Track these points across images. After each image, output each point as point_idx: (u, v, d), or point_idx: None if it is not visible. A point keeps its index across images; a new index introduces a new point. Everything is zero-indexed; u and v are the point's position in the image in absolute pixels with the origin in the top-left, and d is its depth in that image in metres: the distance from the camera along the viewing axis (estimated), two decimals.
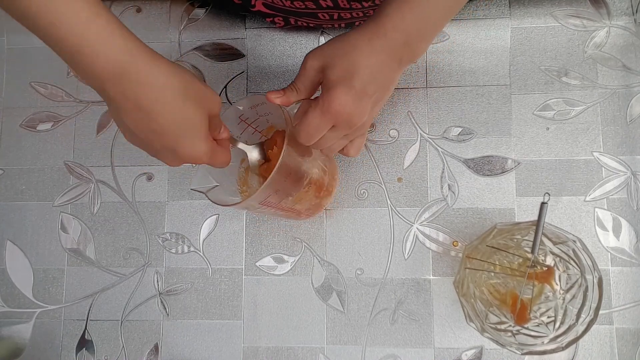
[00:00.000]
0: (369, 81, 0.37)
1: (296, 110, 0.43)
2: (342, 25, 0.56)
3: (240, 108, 0.44)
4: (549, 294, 0.47)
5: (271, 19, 0.54)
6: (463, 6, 0.53)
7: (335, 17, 0.51)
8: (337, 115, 0.38)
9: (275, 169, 0.39)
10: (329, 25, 0.56)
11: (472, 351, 0.52)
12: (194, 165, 0.57)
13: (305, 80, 0.40)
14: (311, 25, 0.55)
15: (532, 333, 0.45)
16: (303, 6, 0.49)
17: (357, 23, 0.55)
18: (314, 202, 0.51)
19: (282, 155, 0.39)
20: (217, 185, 0.44)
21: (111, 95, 0.34)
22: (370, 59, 0.37)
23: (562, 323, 0.45)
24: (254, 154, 0.46)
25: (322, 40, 0.57)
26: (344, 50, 0.37)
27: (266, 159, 0.46)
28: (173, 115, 0.35)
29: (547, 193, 0.44)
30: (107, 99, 0.35)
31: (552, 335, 0.44)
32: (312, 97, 0.41)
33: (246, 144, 0.45)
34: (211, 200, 0.42)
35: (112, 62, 0.32)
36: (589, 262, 0.43)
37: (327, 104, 0.37)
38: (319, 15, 0.51)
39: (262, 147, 0.46)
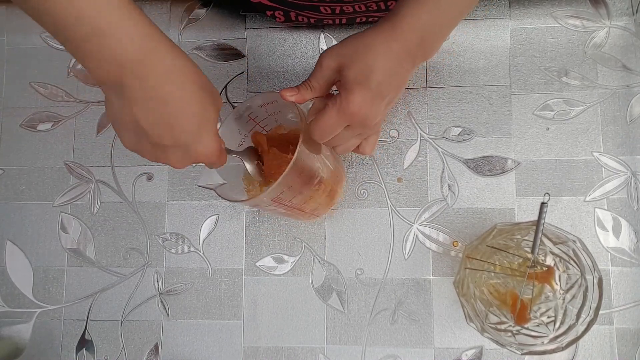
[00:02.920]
0: (385, 82, 0.38)
1: (310, 106, 0.43)
2: (343, 21, 0.55)
3: (250, 105, 0.44)
4: (549, 294, 0.47)
5: (272, 12, 0.54)
6: (476, 5, 0.53)
7: (337, 11, 0.51)
8: (353, 116, 0.39)
9: (290, 164, 0.39)
10: (330, 21, 0.56)
11: (472, 351, 0.52)
12: (193, 164, 0.57)
13: (320, 79, 0.40)
14: (312, 20, 0.55)
15: (532, 333, 0.45)
16: None
17: (357, 19, 0.55)
18: (322, 202, 0.51)
19: (298, 152, 0.39)
20: (224, 183, 0.44)
21: (127, 84, 0.32)
22: (387, 60, 0.37)
23: (562, 323, 0.45)
24: (248, 160, 0.46)
25: (322, 39, 0.58)
26: (360, 50, 0.38)
27: (260, 161, 0.47)
28: (192, 106, 0.34)
29: (547, 193, 0.44)
30: (117, 90, 0.32)
31: (552, 335, 0.44)
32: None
33: (237, 148, 0.45)
34: (220, 196, 0.42)
35: (135, 46, 0.31)
36: (589, 262, 0.43)
37: (344, 105, 0.38)
38: (321, 8, 0.51)
39: (253, 151, 0.47)
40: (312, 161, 0.44)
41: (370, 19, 0.55)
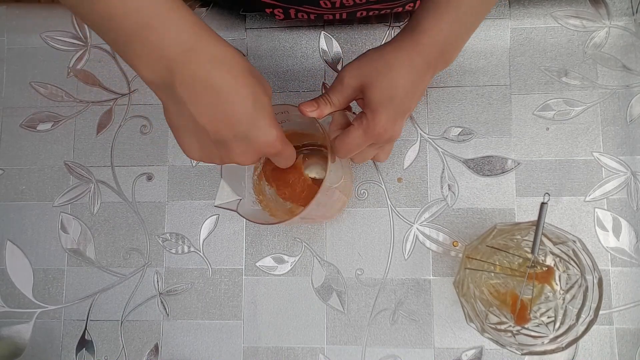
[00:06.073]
0: (407, 99, 0.39)
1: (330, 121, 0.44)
2: (344, 16, 0.55)
3: None
4: (549, 294, 0.47)
5: (271, 10, 0.54)
6: (491, 10, 0.54)
7: (337, 4, 0.51)
8: (379, 136, 0.40)
9: (322, 186, 0.39)
10: (330, 17, 0.55)
11: (472, 351, 0.52)
12: (193, 164, 0.57)
13: (340, 95, 0.40)
14: (312, 17, 0.55)
15: (532, 333, 0.45)
16: None
17: (358, 14, 0.55)
18: (339, 206, 0.52)
19: (328, 173, 0.40)
20: (240, 199, 0.44)
21: (178, 79, 0.31)
22: (409, 77, 0.38)
23: (562, 323, 0.45)
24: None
25: (322, 39, 0.57)
26: (383, 69, 0.38)
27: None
28: (246, 94, 0.33)
29: (547, 193, 0.44)
30: (170, 92, 0.32)
31: (552, 336, 0.44)
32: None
33: None
34: (248, 219, 0.42)
35: (183, 36, 0.31)
36: (589, 263, 0.43)
37: (371, 126, 0.39)
38: (321, 2, 0.51)
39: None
40: (337, 176, 0.45)
41: (371, 13, 0.55)
